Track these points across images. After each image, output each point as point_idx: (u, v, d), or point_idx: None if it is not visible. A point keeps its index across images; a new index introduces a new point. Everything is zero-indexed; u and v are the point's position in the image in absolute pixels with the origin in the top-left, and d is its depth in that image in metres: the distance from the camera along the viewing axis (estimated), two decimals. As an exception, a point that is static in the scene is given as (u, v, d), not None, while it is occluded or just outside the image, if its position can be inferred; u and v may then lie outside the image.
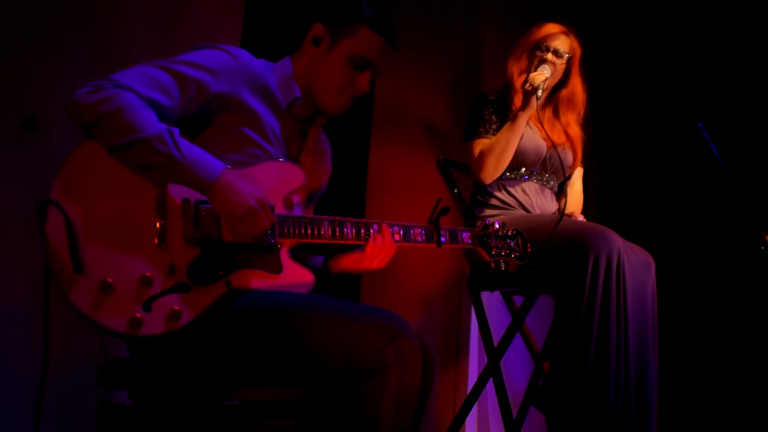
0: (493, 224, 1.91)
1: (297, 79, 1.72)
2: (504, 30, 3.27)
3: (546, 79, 2.41)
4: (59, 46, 2.20)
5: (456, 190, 2.66)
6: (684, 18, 3.50)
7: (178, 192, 1.47)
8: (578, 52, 2.59)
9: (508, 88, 2.59)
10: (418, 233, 1.74)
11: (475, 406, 2.74)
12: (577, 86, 2.61)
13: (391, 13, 1.74)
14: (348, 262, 1.73)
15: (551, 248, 2.22)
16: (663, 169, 3.52)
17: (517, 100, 2.49)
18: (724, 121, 2.82)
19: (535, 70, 2.44)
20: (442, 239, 1.77)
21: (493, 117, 2.52)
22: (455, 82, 3.37)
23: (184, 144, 1.44)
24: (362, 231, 1.65)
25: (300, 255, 1.82)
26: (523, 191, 2.53)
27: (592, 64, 2.67)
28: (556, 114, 2.63)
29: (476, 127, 2.51)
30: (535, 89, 2.38)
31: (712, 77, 3.34)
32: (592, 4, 3.76)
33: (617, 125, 3.65)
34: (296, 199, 1.68)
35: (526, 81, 2.41)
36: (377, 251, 1.66)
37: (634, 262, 2.21)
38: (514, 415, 2.49)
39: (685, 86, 3.32)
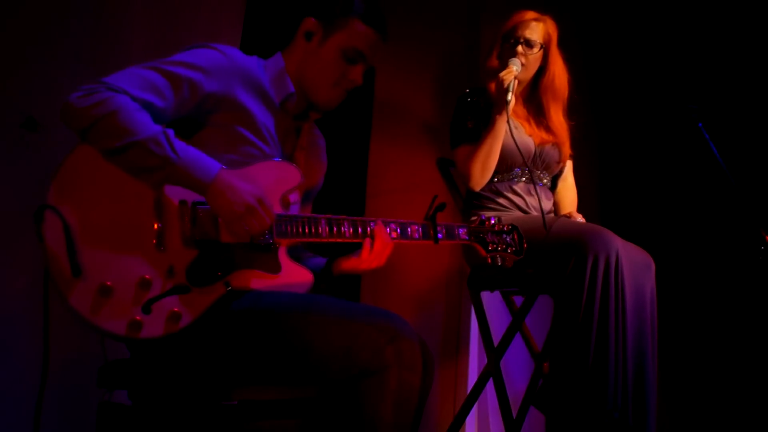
0: (489, 219, 1.91)
1: (289, 74, 1.72)
2: (504, 29, 3.26)
3: (516, 77, 2.34)
4: (59, 46, 2.20)
5: (455, 190, 2.66)
6: (684, 18, 3.49)
7: (175, 193, 1.47)
8: (554, 36, 2.50)
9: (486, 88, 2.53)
10: (415, 230, 1.74)
11: (475, 406, 2.74)
12: (556, 71, 2.52)
13: (391, 12, 1.75)
14: (348, 265, 1.72)
15: (550, 248, 2.22)
16: (663, 169, 3.51)
17: (493, 101, 2.43)
18: (724, 121, 2.81)
19: (505, 67, 2.37)
20: (439, 235, 1.77)
21: (473, 121, 2.46)
22: (456, 81, 3.37)
23: (180, 145, 1.43)
24: (359, 229, 1.65)
25: (300, 255, 1.82)
26: (516, 192, 2.51)
27: (591, 63, 2.66)
28: (540, 108, 2.56)
29: (457, 134, 2.49)
30: (506, 90, 2.31)
31: (712, 77, 3.34)
32: (592, 4, 3.76)
33: (617, 125, 3.65)
34: (292, 197, 1.68)
35: (497, 81, 2.35)
36: (375, 255, 1.66)
37: (633, 263, 2.21)
38: (514, 415, 2.49)
39: (685, 86, 3.32)
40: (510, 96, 2.31)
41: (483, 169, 2.40)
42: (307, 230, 1.59)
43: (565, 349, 2.13)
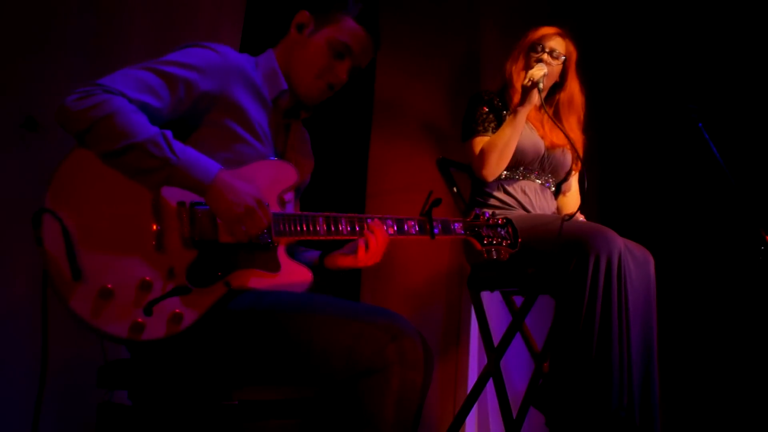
0: (483, 214, 1.93)
1: (279, 67, 1.73)
2: (504, 30, 3.27)
3: (544, 75, 2.42)
4: (59, 46, 2.20)
5: (456, 190, 2.66)
6: (684, 18, 3.50)
7: (173, 195, 1.46)
8: (574, 55, 2.62)
9: (506, 89, 2.61)
10: (411, 225, 1.75)
11: (475, 406, 2.74)
12: (575, 89, 2.63)
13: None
14: (344, 263, 1.74)
15: (552, 248, 2.22)
16: (663, 168, 3.52)
17: (517, 99, 2.50)
18: (724, 121, 2.82)
19: (532, 68, 2.47)
20: (435, 230, 1.78)
21: (491, 116, 2.54)
22: (455, 81, 3.38)
23: (179, 146, 1.43)
24: (356, 226, 1.66)
25: (294, 250, 1.82)
26: (523, 191, 2.54)
27: (592, 64, 2.67)
28: (557, 117, 2.64)
29: (475, 126, 2.53)
30: (535, 83, 2.40)
31: (712, 77, 3.34)
32: (592, 4, 3.76)
33: (617, 125, 3.66)
34: (287, 196, 1.68)
35: (525, 79, 2.43)
36: (371, 254, 1.66)
37: (635, 262, 2.22)
38: (514, 415, 2.49)
39: (685, 86, 3.32)
40: (541, 86, 2.40)
41: (499, 159, 2.44)
42: (305, 228, 1.59)
43: (567, 348, 2.13)
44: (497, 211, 2.49)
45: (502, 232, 1.92)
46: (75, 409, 2.11)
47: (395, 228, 1.72)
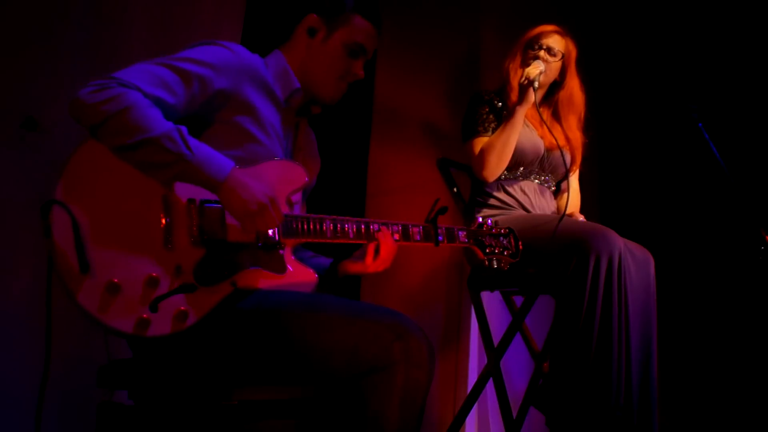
0: (486, 222, 1.94)
1: (292, 70, 1.74)
2: (504, 30, 3.27)
3: (541, 72, 2.42)
4: (60, 46, 2.20)
5: (456, 190, 2.66)
6: (683, 18, 3.50)
7: (183, 192, 1.46)
8: (574, 53, 2.61)
9: (504, 88, 2.60)
10: (416, 232, 1.76)
11: (475, 406, 2.74)
12: (574, 87, 2.62)
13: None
14: (354, 269, 1.74)
15: (552, 248, 2.22)
16: (663, 168, 3.52)
17: (514, 97, 2.50)
18: (724, 121, 2.82)
19: (529, 66, 2.46)
20: (440, 238, 1.80)
21: (491, 116, 2.53)
22: (455, 82, 3.38)
23: (193, 142, 1.43)
24: (363, 230, 1.67)
25: (301, 255, 1.82)
26: (522, 191, 2.54)
27: (592, 63, 2.67)
28: (557, 116, 2.63)
29: (474, 126, 2.52)
30: (531, 82, 2.39)
31: (712, 77, 3.34)
32: (592, 4, 3.76)
33: (617, 125, 3.66)
34: (295, 198, 1.68)
35: (521, 77, 2.43)
36: (381, 260, 1.67)
37: (635, 262, 2.22)
38: (514, 415, 2.49)
39: (685, 86, 3.33)
40: (537, 85, 2.39)
41: (499, 159, 2.43)
42: (312, 230, 1.60)
43: (567, 348, 2.13)
44: (497, 212, 2.49)
45: (504, 242, 1.93)
46: (75, 409, 2.11)
47: (400, 234, 1.73)
